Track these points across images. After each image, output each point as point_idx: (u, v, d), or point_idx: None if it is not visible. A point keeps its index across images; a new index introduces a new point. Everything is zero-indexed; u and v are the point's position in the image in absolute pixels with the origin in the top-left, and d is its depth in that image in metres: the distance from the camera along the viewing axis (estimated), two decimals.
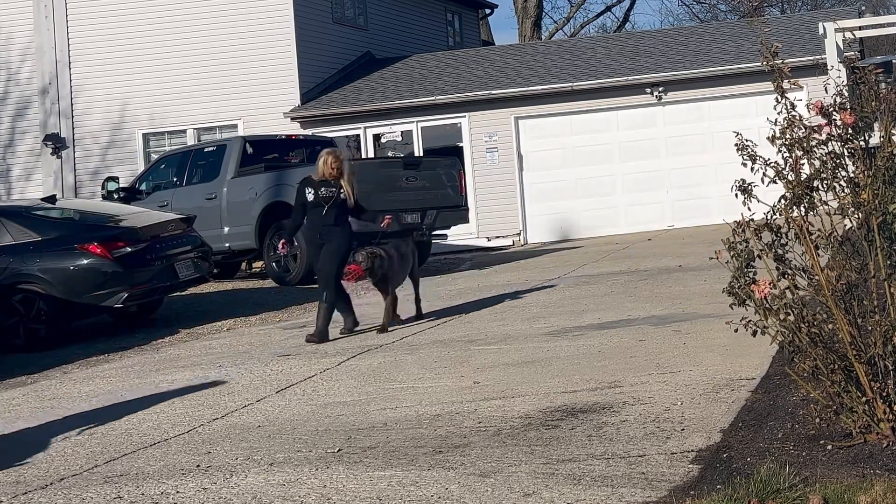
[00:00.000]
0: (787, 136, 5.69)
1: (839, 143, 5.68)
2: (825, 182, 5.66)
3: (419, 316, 11.52)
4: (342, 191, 10.87)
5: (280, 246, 11.69)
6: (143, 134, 23.33)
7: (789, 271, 5.63)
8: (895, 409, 5.36)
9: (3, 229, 12.95)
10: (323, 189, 10.85)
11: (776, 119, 5.75)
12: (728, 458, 5.38)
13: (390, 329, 10.78)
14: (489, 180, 22.48)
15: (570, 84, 22.47)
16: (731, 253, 5.55)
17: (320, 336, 10.61)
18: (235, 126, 22.87)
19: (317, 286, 11.19)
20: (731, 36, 24.31)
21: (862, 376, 5.37)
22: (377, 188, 15.98)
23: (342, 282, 10.91)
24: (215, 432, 7.10)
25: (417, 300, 11.61)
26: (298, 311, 13.75)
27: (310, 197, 10.87)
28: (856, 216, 5.64)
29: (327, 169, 10.85)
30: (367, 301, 14.14)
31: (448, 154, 20.53)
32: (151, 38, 22.99)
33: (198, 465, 6.22)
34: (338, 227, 10.87)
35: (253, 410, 7.72)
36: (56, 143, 23.27)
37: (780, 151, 5.74)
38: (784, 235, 5.62)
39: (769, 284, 5.45)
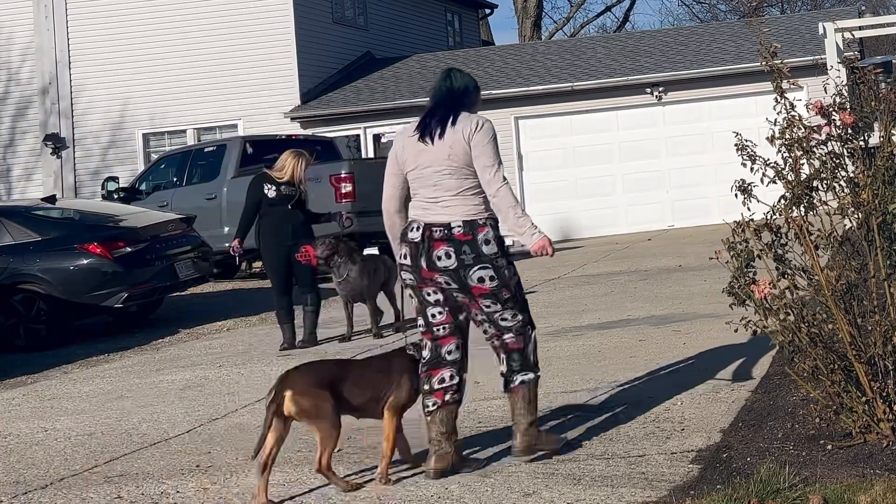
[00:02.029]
0: (787, 136, 5.69)
1: (839, 143, 5.68)
2: (825, 182, 5.66)
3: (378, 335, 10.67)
4: (301, 192, 10.52)
5: (235, 245, 10.69)
6: (143, 134, 23.35)
7: (789, 271, 5.63)
8: (895, 409, 5.36)
9: (3, 229, 12.96)
10: (284, 187, 10.40)
11: (776, 119, 5.75)
12: (728, 457, 5.38)
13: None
14: None
15: (570, 84, 22.47)
16: (731, 253, 5.56)
17: (313, 340, 10.55)
18: (235, 126, 22.88)
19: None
20: (731, 36, 24.32)
21: (862, 376, 5.38)
22: (377, 188, 15.96)
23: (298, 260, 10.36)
24: (215, 432, 7.10)
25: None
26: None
27: (271, 193, 10.37)
28: (856, 216, 5.64)
29: (298, 171, 10.40)
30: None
31: None
32: (151, 38, 23.00)
33: (198, 465, 6.22)
34: (308, 226, 10.58)
35: (253, 410, 7.71)
36: (56, 143, 23.29)
37: (779, 151, 5.74)
38: (784, 235, 5.63)
39: (769, 284, 5.45)
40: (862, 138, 5.72)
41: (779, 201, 5.64)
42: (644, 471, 5.29)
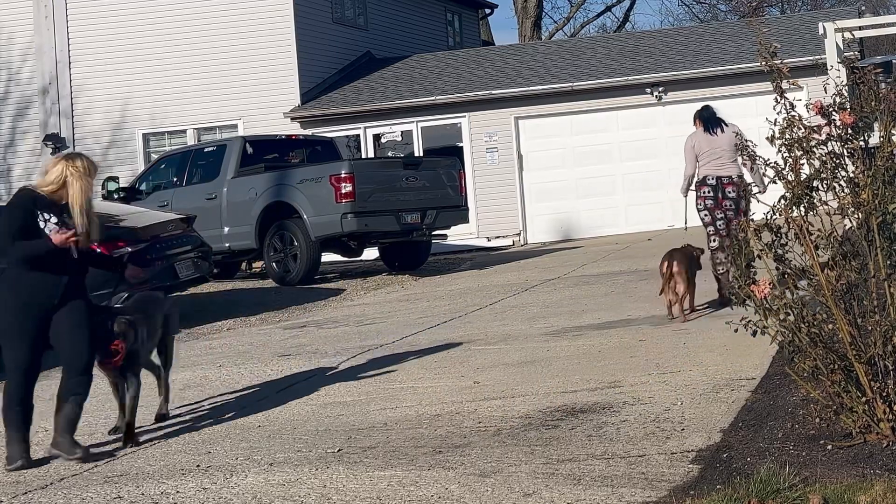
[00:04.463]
0: (787, 136, 5.70)
1: (839, 143, 5.69)
2: (825, 182, 5.66)
3: (161, 416, 7.59)
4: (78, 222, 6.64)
5: None
6: (144, 134, 23.34)
7: (789, 271, 5.63)
8: (895, 409, 5.36)
9: None
10: (67, 216, 6.62)
11: (776, 119, 5.76)
12: (728, 458, 5.38)
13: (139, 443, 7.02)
14: (489, 180, 22.48)
15: (571, 84, 22.47)
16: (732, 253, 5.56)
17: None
18: (235, 126, 22.87)
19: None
20: (731, 36, 24.31)
21: (862, 376, 5.38)
22: (377, 188, 16.00)
23: (106, 369, 7.01)
24: (215, 432, 7.11)
25: (166, 388, 7.73)
26: (298, 310, 13.75)
27: (46, 225, 6.57)
28: (856, 216, 5.64)
29: (78, 183, 6.56)
30: (364, 301, 14.13)
31: (448, 154, 20.53)
32: (151, 38, 22.99)
33: (198, 465, 6.22)
34: (82, 277, 6.89)
35: (253, 410, 7.72)
36: (56, 143, 23.27)
37: (779, 151, 5.74)
38: (784, 235, 5.63)
39: (769, 284, 5.45)
40: (862, 138, 5.73)
41: (779, 201, 5.65)
42: (644, 471, 5.30)
